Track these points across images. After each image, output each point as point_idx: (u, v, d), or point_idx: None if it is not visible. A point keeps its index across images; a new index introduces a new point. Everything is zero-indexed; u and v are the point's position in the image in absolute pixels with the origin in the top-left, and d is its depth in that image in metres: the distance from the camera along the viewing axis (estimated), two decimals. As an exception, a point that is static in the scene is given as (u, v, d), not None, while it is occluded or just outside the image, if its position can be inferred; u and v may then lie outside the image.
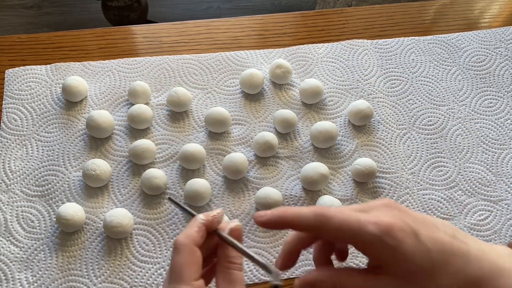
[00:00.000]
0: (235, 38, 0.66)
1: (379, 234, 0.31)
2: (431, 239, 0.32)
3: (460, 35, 0.68)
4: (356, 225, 0.31)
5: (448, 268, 0.31)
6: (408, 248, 0.31)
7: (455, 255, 0.32)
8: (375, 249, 0.31)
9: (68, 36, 0.65)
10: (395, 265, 0.32)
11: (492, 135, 0.60)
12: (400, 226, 0.31)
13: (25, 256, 0.49)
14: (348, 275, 0.33)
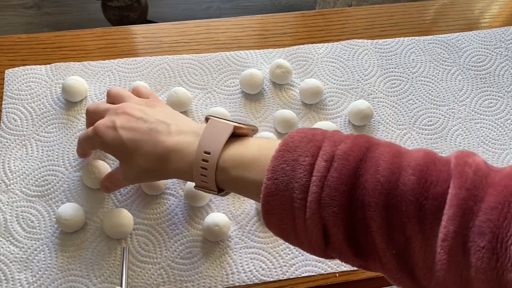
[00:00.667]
0: (235, 38, 0.66)
1: (92, 135, 0.45)
2: (129, 131, 0.43)
3: (460, 35, 0.68)
4: (84, 135, 0.47)
5: (140, 152, 0.42)
6: (108, 139, 0.43)
7: (145, 142, 0.42)
8: (96, 145, 0.46)
9: (68, 36, 0.65)
10: (110, 153, 0.47)
11: (492, 135, 0.60)
12: (104, 126, 0.44)
13: (25, 256, 0.49)
14: (110, 175, 0.49)
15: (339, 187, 0.31)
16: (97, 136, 0.44)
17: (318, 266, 0.50)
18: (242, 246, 0.51)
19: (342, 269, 0.50)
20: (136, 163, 0.42)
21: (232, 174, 0.38)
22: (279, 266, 0.50)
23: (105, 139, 0.44)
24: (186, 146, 0.41)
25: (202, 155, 0.39)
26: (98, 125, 0.45)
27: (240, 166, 0.37)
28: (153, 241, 0.51)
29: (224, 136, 0.39)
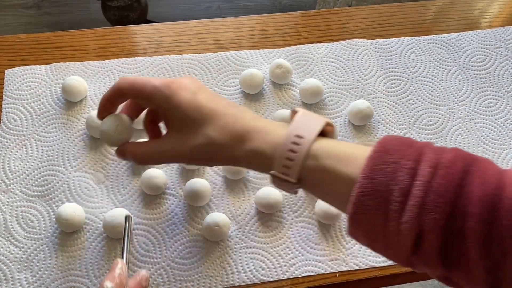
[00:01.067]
0: (235, 38, 0.66)
1: (159, 86, 0.39)
2: (207, 100, 0.39)
3: (460, 35, 0.68)
4: (143, 81, 0.40)
5: (217, 122, 0.39)
6: (182, 99, 0.39)
7: (225, 114, 0.39)
8: (155, 98, 0.40)
9: (68, 36, 0.65)
10: (171, 115, 0.40)
11: (492, 135, 0.60)
12: (180, 84, 0.40)
13: (25, 256, 0.49)
14: (144, 144, 0.42)
15: (444, 194, 0.30)
16: (169, 89, 0.39)
17: (318, 266, 0.50)
18: (242, 246, 0.51)
19: (342, 269, 0.50)
20: (206, 133, 0.39)
21: (324, 163, 0.35)
22: (279, 266, 0.50)
23: (179, 96, 0.39)
24: (272, 129, 0.38)
25: (293, 138, 0.36)
26: (173, 82, 0.40)
27: (335, 157, 0.35)
28: (153, 241, 0.51)
29: (318, 126, 0.37)
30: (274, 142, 0.37)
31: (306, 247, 0.51)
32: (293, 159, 0.36)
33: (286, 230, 0.52)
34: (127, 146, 0.43)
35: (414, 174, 0.31)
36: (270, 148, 0.37)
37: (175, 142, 0.40)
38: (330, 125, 0.38)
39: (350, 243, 0.51)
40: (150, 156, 0.41)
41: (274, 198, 0.51)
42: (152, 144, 0.42)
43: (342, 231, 0.52)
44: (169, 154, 0.40)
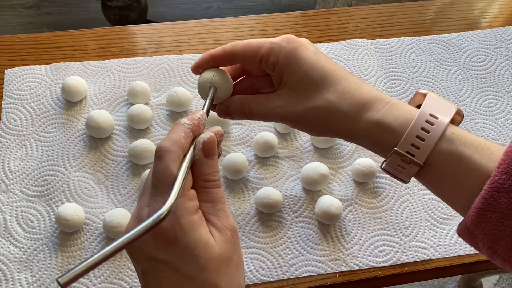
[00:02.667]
0: (235, 38, 0.66)
1: (279, 41, 0.37)
2: (328, 61, 0.37)
3: (460, 35, 0.68)
4: (259, 41, 0.38)
5: (338, 87, 0.35)
6: (305, 55, 0.36)
7: (347, 80, 0.36)
8: (274, 53, 0.37)
9: (67, 36, 0.65)
10: (289, 70, 0.37)
11: (492, 135, 0.60)
12: (300, 41, 0.37)
13: (25, 256, 0.49)
14: (252, 97, 0.39)
15: None
16: (290, 43, 0.37)
17: (318, 266, 0.50)
18: (242, 246, 0.51)
19: (342, 269, 0.50)
20: (323, 96, 0.35)
21: (459, 149, 0.32)
22: (279, 266, 0.50)
23: (301, 51, 0.37)
24: (400, 104, 0.35)
25: (427, 116, 0.33)
26: (292, 37, 0.38)
27: (472, 145, 0.32)
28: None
29: (452, 109, 0.34)
30: (404, 118, 0.34)
31: (306, 247, 0.51)
32: (425, 139, 0.32)
33: (286, 230, 0.52)
34: (235, 98, 0.39)
35: None
36: (398, 123, 0.34)
37: (288, 100, 0.36)
38: (459, 114, 0.35)
39: (350, 243, 0.51)
40: (259, 109, 0.38)
41: (274, 198, 0.51)
42: (262, 97, 0.38)
43: (342, 231, 0.52)
44: (279, 110, 0.37)
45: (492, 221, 0.30)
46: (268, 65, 0.38)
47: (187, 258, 0.29)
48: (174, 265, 0.29)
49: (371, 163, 0.54)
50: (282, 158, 0.56)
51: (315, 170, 0.53)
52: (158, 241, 0.29)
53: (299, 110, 0.36)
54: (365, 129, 0.35)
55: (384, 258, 0.51)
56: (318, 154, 0.57)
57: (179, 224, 0.29)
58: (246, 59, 0.39)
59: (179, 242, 0.29)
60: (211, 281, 0.30)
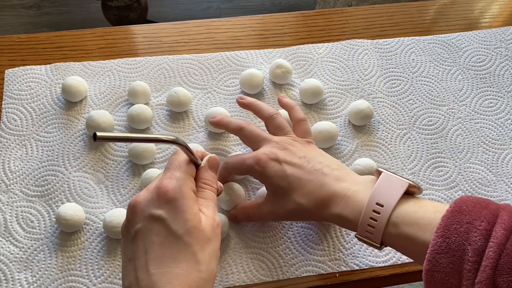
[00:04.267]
0: (235, 38, 0.66)
1: (252, 164, 0.45)
2: (293, 167, 0.44)
3: (460, 35, 0.68)
4: (240, 162, 0.47)
5: (303, 190, 0.43)
6: (270, 172, 0.44)
7: (311, 181, 0.43)
8: (253, 174, 0.47)
9: (68, 36, 0.65)
10: (266, 185, 0.46)
11: (492, 135, 0.60)
12: (267, 157, 0.45)
13: (25, 256, 0.49)
14: (250, 206, 0.48)
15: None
16: (259, 165, 0.45)
17: (318, 266, 0.50)
18: (242, 246, 0.51)
19: (342, 269, 0.50)
20: (294, 200, 0.43)
21: (403, 231, 0.37)
22: (279, 266, 0.50)
23: (268, 170, 0.44)
24: (354, 194, 0.41)
25: (374, 206, 0.39)
26: (261, 156, 0.45)
27: (414, 224, 0.37)
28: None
29: (399, 192, 0.39)
30: (357, 210, 0.40)
31: (306, 247, 0.51)
32: (375, 226, 0.38)
33: (286, 230, 0.52)
34: (239, 210, 0.50)
35: (488, 235, 0.33)
36: (352, 215, 0.40)
37: (273, 207, 0.45)
38: (414, 186, 0.40)
39: (350, 243, 0.51)
40: (257, 215, 0.48)
41: (274, 198, 0.51)
42: (256, 205, 0.48)
43: (342, 231, 0.52)
44: (269, 216, 0.47)
45: (439, 280, 0.34)
46: (255, 178, 0.50)
47: (178, 218, 0.36)
48: (167, 222, 0.36)
49: (371, 163, 0.54)
50: (282, 158, 0.56)
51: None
52: (160, 198, 0.37)
53: (281, 213, 0.45)
54: (331, 219, 0.42)
55: (384, 258, 0.51)
56: (318, 154, 0.57)
57: (180, 189, 0.37)
58: (237, 173, 0.51)
59: (176, 202, 0.37)
60: (192, 247, 0.36)
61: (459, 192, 0.55)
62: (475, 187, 0.56)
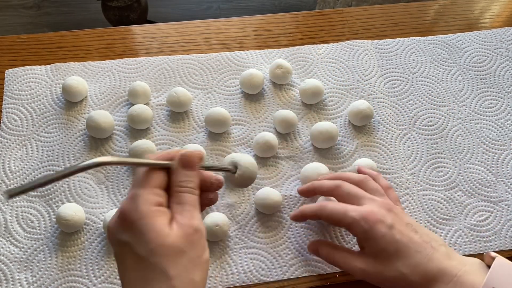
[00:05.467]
0: (235, 38, 0.66)
1: (358, 218, 0.42)
2: (402, 234, 0.41)
3: (460, 36, 0.68)
4: (342, 212, 0.43)
5: (411, 260, 0.40)
6: (378, 233, 0.41)
7: (420, 253, 0.40)
8: (354, 228, 0.43)
9: (68, 36, 0.65)
10: (368, 244, 0.43)
11: (492, 136, 0.60)
12: (375, 216, 0.42)
13: (25, 257, 0.49)
14: (338, 251, 0.46)
15: None
16: (366, 223, 0.42)
17: (318, 266, 0.50)
18: (242, 246, 0.51)
19: (342, 270, 0.50)
20: (398, 268, 0.41)
21: None
22: (279, 266, 0.50)
23: (376, 230, 0.42)
24: (465, 275, 0.39)
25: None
26: (369, 213, 0.43)
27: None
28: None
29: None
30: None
31: (306, 247, 0.51)
32: None
33: (286, 230, 0.52)
34: (324, 244, 0.48)
35: None
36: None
37: (368, 265, 0.42)
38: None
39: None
40: (342, 262, 0.45)
41: (274, 199, 0.51)
42: (346, 253, 0.45)
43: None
44: (360, 272, 0.43)
45: None
46: (352, 233, 0.45)
47: (140, 240, 0.34)
48: (132, 246, 0.34)
49: (371, 163, 0.54)
50: (282, 159, 0.56)
51: (315, 171, 0.53)
52: (122, 223, 0.35)
53: (377, 277, 0.42)
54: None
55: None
56: (318, 155, 0.57)
57: (136, 210, 0.34)
58: (334, 224, 0.50)
59: (135, 223, 0.34)
60: (160, 265, 0.33)
61: (458, 193, 0.55)
62: (475, 187, 0.56)
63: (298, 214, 0.48)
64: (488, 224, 0.54)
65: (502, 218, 0.54)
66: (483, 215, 0.54)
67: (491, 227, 0.53)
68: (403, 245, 0.41)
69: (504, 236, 0.53)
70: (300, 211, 0.47)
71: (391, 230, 0.41)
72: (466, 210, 0.54)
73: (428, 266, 0.40)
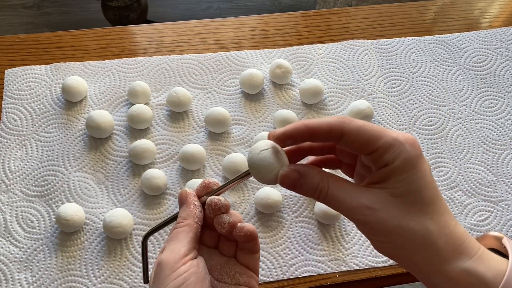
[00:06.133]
0: (235, 38, 0.66)
1: (402, 140, 0.30)
2: (437, 188, 0.31)
3: (460, 35, 0.68)
4: (380, 129, 0.31)
5: (440, 217, 0.30)
6: (423, 169, 0.30)
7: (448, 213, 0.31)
8: (391, 153, 0.30)
9: (67, 36, 0.65)
10: (399, 178, 0.30)
11: (492, 136, 0.60)
12: (420, 149, 0.31)
13: (25, 257, 0.49)
14: (338, 179, 0.32)
15: None
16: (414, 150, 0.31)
17: (318, 266, 0.50)
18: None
19: (342, 269, 0.50)
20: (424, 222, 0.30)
21: None
22: (279, 266, 0.50)
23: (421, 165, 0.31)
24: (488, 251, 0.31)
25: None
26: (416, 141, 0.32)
27: None
28: (153, 241, 0.51)
29: None
30: (496, 268, 0.29)
31: (306, 247, 0.51)
32: None
33: (286, 230, 0.52)
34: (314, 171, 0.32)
35: None
36: (491, 274, 0.29)
37: (384, 206, 0.30)
38: None
39: (350, 243, 0.51)
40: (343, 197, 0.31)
41: (273, 198, 0.51)
42: (351, 185, 0.32)
43: (342, 231, 0.52)
44: (368, 212, 0.30)
45: None
46: (380, 161, 0.31)
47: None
48: None
49: (371, 163, 0.54)
50: (282, 158, 0.56)
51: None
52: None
53: (391, 224, 0.30)
54: (451, 275, 0.29)
55: (384, 258, 0.51)
56: (318, 154, 0.57)
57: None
58: (356, 145, 0.31)
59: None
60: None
61: (459, 192, 0.55)
62: (475, 187, 0.56)
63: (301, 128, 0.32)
64: (488, 224, 0.54)
65: (502, 218, 0.54)
66: (483, 215, 0.54)
67: (491, 227, 0.53)
68: (438, 197, 0.30)
69: (504, 235, 0.53)
70: (303, 124, 0.32)
71: (431, 174, 0.31)
72: (466, 210, 0.54)
73: (455, 231, 0.30)
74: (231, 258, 0.35)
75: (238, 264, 0.35)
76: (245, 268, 0.35)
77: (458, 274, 0.29)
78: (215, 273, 0.35)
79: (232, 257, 0.35)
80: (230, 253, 0.36)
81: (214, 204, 0.34)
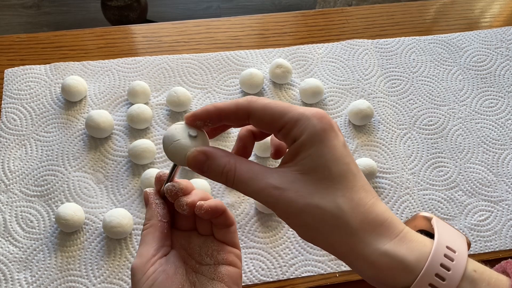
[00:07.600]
0: (235, 38, 0.66)
1: (309, 115, 0.29)
2: (353, 163, 0.29)
3: (460, 35, 0.68)
4: (286, 105, 0.30)
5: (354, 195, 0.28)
6: (333, 143, 0.28)
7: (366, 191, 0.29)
8: (298, 127, 0.29)
9: (67, 35, 0.65)
10: (307, 154, 0.29)
11: (492, 136, 0.60)
12: (331, 122, 0.29)
13: (24, 256, 0.49)
14: (245, 161, 0.30)
15: None
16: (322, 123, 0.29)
17: (318, 266, 0.50)
18: (242, 246, 0.51)
19: (342, 269, 0.50)
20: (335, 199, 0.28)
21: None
22: (279, 266, 0.50)
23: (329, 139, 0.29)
24: (413, 233, 0.29)
25: (445, 250, 0.27)
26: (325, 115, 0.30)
27: (495, 285, 0.27)
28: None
29: (464, 239, 0.29)
30: (419, 251, 0.27)
31: (306, 247, 0.51)
32: (445, 277, 0.27)
33: (286, 230, 0.52)
34: (220, 153, 0.30)
35: None
36: (414, 257, 0.27)
37: (292, 185, 0.28)
38: (468, 243, 0.32)
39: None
40: (250, 180, 0.29)
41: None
42: (258, 167, 0.30)
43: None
44: (276, 193, 0.28)
45: None
46: (288, 137, 0.30)
47: None
48: None
49: (371, 163, 0.54)
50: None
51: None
52: None
53: (301, 204, 0.28)
54: (370, 259, 0.27)
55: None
56: (318, 154, 0.57)
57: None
58: (263, 123, 0.30)
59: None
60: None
61: (459, 192, 0.55)
62: (475, 187, 0.56)
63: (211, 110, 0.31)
64: (488, 223, 0.54)
65: (502, 218, 0.54)
66: (484, 214, 0.54)
67: (491, 227, 0.53)
68: (352, 172, 0.28)
69: (505, 235, 0.53)
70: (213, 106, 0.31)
71: (345, 148, 0.29)
72: (466, 210, 0.54)
73: (372, 210, 0.28)
74: (208, 237, 0.35)
75: (215, 242, 0.35)
76: (222, 244, 0.35)
77: (378, 257, 0.27)
78: (196, 255, 0.34)
79: (210, 236, 0.35)
80: (208, 231, 0.35)
81: (170, 191, 0.33)
